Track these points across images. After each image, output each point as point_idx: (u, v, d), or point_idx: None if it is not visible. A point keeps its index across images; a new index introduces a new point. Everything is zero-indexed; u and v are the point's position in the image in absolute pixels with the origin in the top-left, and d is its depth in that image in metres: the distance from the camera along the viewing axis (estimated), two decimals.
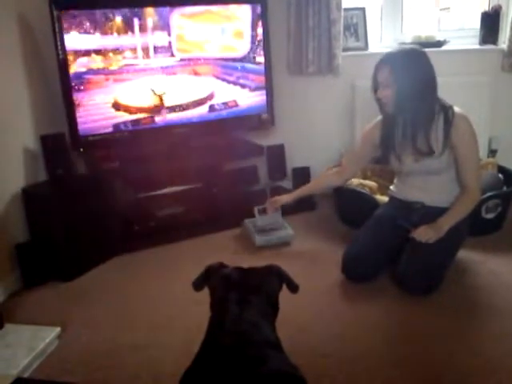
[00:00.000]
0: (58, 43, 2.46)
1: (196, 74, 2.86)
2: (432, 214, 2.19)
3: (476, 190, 2.17)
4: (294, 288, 1.43)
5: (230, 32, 2.90)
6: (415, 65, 2.07)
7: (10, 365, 1.71)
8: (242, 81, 3.00)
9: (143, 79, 2.72)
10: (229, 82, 2.97)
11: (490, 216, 2.55)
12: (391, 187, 2.43)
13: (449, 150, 2.12)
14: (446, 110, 2.11)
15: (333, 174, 2.54)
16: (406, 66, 2.06)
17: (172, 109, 2.84)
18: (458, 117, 2.11)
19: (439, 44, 3.15)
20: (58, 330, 1.92)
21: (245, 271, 1.39)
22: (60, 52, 2.47)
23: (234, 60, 2.95)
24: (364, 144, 2.38)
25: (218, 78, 2.93)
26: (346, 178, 2.55)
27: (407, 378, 1.62)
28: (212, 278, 1.41)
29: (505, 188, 2.67)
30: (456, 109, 2.13)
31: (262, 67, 3.03)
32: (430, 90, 2.09)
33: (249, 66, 2.99)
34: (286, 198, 2.60)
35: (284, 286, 1.45)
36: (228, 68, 2.95)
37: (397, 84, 2.05)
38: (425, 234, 2.10)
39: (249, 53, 2.98)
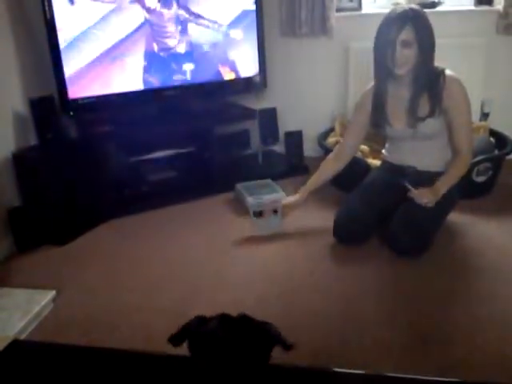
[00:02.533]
0: (46, 3, 2.39)
1: None
2: (424, 178, 2.20)
3: (468, 154, 2.17)
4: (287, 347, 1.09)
5: None
6: (429, 24, 2.05)
7: (5, 328, 1.73)
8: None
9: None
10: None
11: (480, 179, 2.57)
12: (383, 151, 2.42)
13: (442, 113, 2.11)
14: (439, 72, 2.09)
15: (333, 160, 2.36)
16: (426, 24, 2.04)
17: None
18: (451, 79, 2.09)
19: (434, 5, 3.10)
20: (53, 293, 1.95)
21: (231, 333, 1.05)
22: (47, 13, 2.41)
23: None
24: (359, 114, 2.32)
25: None
26: (347, 158, 2.35)
27: (396, 337, 1.66)
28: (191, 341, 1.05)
29: (496, 151, 2.68)
30: (448, 72, 2.11)
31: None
32: (434, 50, 2.09)
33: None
34: (296, 201, 2.37)
35: None
36: None
37: (418, 43, 2.01)
38: (424, 197, 2.09)
39: None
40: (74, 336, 1.75)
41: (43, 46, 2.52)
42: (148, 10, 2.67)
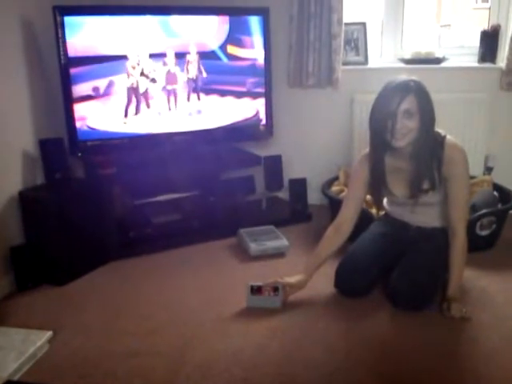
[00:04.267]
0: (61, 48, 2.48)
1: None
2: (427, 232, 2.21)
3: (462, 232, 2.07)
4: None
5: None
6: (429, 95, 1.99)
7: None
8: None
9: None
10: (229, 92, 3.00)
11: (484, 233, 2.57)
12: (385, 205, 2.41)
13: (443, 183, 2.08)
14: (440, 140, 2.04)
15: (333, 235, 2.22)
16: (427, 95, 1.98)
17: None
18: (452, 148, 2.03)
19: (438, 61, 3.18)
20: (49, 334, 1.92)
21: None
22: (62, 57, 2.49)
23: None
24: (355, 188, 2.24)
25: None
26: (347, 232, 2.22)
27: None
28: None
29: (500, 206, 2.68)
30: (449, 139, 2.06)
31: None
32: (435, 121, 2.03)
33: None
34: (299, 282, 2.16)
35: None
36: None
37: (420, 113, 1.94)
38: (457, 310, 2.02)
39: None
40: (68, 379, 1.72)
41: (55, 88, 2.59)
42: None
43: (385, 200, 2.39)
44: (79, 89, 2.57)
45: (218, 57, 2.92)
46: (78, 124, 2.60)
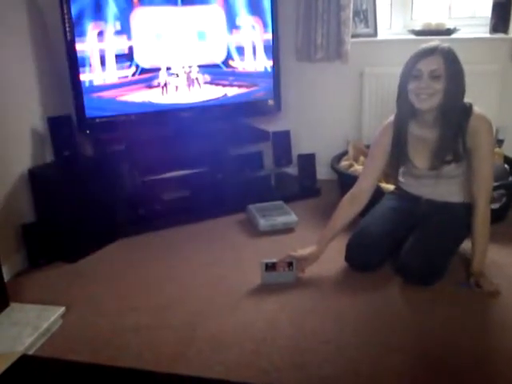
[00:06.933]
0: (67, 25, 2.45)
1: None
2: (439, 206, 2.19)
3: (483, 204, 2.04)
4: None
5: None
6: (460, 63, 1.97)
7: (15, 343, 1.74)
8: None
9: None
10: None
11: (494, 206, 2.54)
12: (400, 178, 2.37)
13: (466, 154, 2.05)
14: (467, 109, 2.01)
15: (348, 205, 2.20)
16: (456, 60, 1.96)
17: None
18: (479, 119, 2.00)
19: (449, 32, 3.12)
20: (62, 309, 1.95)
21: None
22: (68, 33, 2.46)
23: None
24: (376, 157, 2.21)
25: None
26: (364, 202, 2.21)
27: (408, 365, 1.64)
28: None
29: (510, 178, 2.66)
30: (476, 110, 2.02)
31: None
32: (464, 90, 2.00)
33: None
34: (313, 254, 2.16)
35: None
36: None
37: (447, 76, 1.92)
38: (488, 285, 2.01)
39: None
40: (81, 353, 1.75)
41: (63, 65, 2.57)
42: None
43: (399, 177, 2.37)
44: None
45: None
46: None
